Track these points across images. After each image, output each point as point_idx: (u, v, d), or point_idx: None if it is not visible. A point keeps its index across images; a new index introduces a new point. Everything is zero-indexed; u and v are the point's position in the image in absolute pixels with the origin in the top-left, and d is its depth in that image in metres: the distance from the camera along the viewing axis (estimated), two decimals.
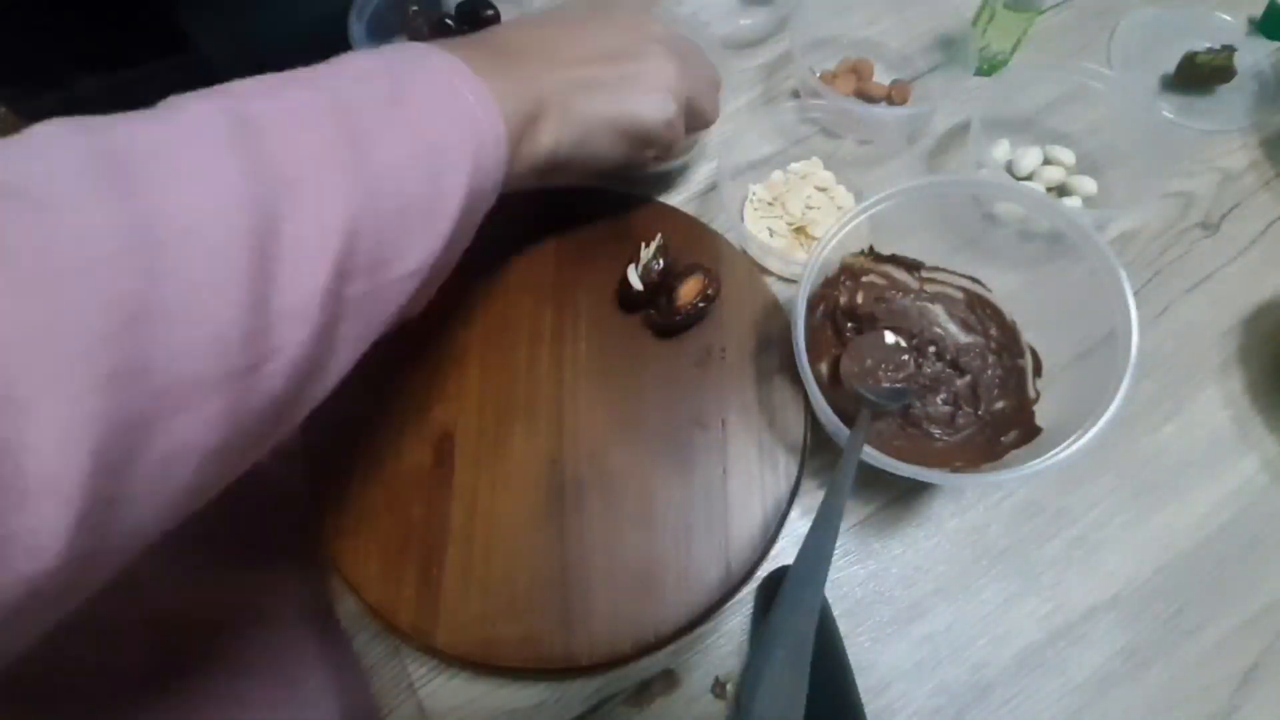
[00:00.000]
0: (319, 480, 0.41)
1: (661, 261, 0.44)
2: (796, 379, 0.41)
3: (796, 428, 0.43)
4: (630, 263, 0.44)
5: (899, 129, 0.52)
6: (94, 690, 0.31)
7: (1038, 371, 0.43)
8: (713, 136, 0.54)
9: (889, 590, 0.42)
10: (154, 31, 0.48)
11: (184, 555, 0.36)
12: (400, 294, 0.29)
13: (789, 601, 0.27)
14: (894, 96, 0.55)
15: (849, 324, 0.45)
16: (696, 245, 0.47)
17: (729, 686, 0.39)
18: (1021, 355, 0.44)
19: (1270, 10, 0.59)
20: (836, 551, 0.42)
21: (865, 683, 0.39)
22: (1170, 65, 0.58)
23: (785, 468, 0.42)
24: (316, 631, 0.41)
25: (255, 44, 0.31)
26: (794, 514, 0.42)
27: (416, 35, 0.55)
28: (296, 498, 0.41)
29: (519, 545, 0.39)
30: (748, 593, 0.41)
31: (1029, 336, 0.44)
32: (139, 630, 0.33)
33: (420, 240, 0.29)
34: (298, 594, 0.41)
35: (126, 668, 0.32)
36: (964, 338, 0.46)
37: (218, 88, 0.26)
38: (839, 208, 0.51)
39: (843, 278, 0.45)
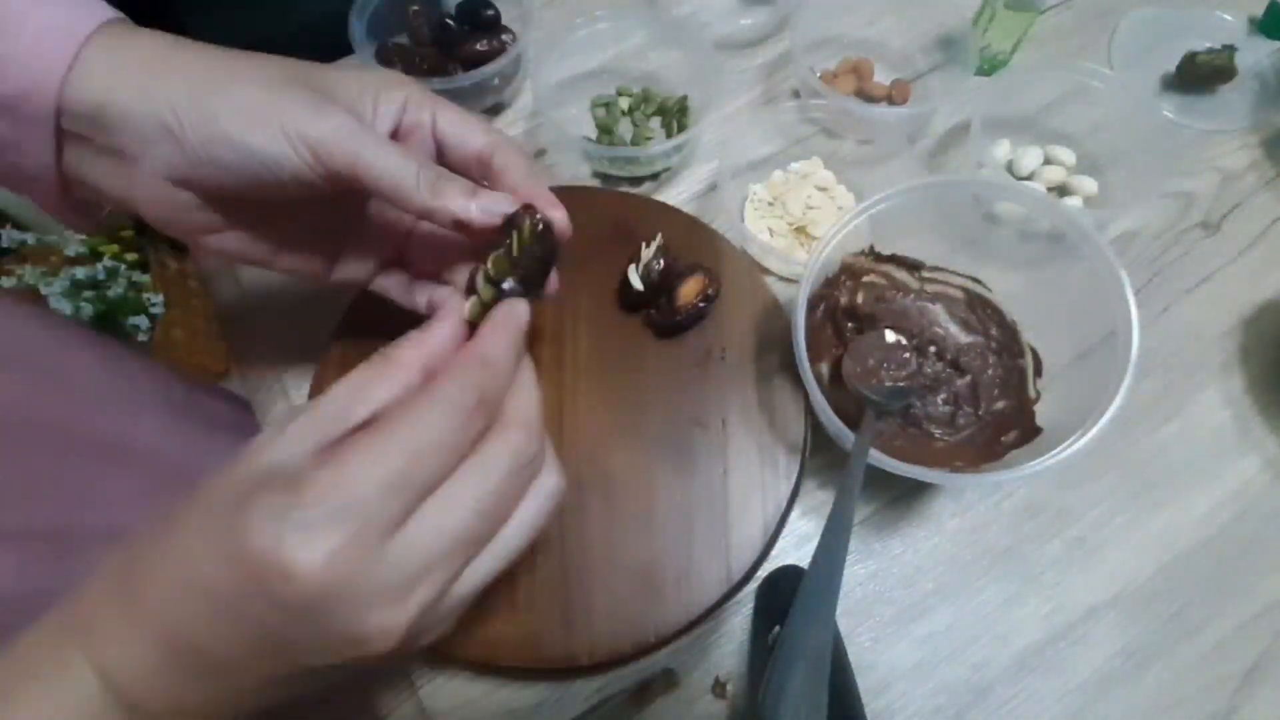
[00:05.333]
0: None
1: (662, 261, 0.44)
2: (796, 379, 0.41)
3: (796, 428, 0.43)
4: (630, 263, 0.44)
5: (899, 129, 0.51)
6: None
7: (1038, 371, 0.43)
8: (713, 136, 0.54)
9: (889, 590, 0.42)
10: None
11: None
12: None
13: (805, 614, 0.26)
14: (894, 96, 0.55)
15: (849, 324, 0.45)
16: (696, 245, 0.47)
17: (729, 686, 0.39)
18: (1021, 355, 0.44)
19: (1271, 10, 0.58)
20: None
21: (865, 683, 0.39)
22: (1170, 65, 0.58)
23: (785, 468, 0.42)
24: None
25: (256, 43, 0.32)
26: (794, 514, 0.42)
27: (417, 35, 0.55)
28: None
29: None
30: (748, 593, 0.41)
31: (1029, 336, 0.44)
32: None
33: None
34: None
35: None
36: (964, 338, 0.46)
37: None
38: (839, 208, 0.51)
39: (843, 278, 0.45)
